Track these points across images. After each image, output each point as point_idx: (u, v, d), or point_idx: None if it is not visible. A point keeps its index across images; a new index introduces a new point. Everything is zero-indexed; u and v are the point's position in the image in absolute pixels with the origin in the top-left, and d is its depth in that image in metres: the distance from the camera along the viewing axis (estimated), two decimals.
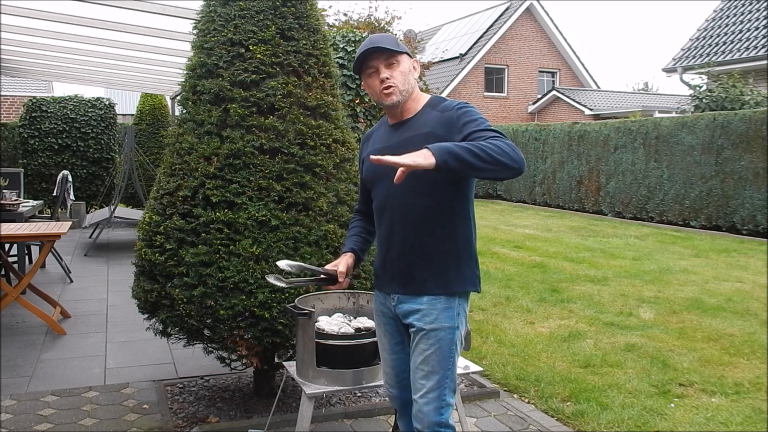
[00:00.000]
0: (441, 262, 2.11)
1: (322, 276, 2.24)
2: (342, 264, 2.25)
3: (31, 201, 7.84)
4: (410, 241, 2.12)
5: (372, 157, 1.88)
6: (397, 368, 2.28)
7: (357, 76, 7.23)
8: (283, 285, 2.27)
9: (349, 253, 2.32)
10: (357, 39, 7.09)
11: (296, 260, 3.05)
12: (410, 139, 2.09)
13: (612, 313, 5.54)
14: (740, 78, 13.26)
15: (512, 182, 16.71)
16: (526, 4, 25.31)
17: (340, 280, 2.24)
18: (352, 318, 2.87)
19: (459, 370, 2.68)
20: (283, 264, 2.23)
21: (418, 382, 2.11)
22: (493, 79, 25.81)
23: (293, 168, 3.15)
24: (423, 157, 1.81)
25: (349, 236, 2.43)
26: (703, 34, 15.64)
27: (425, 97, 2.20)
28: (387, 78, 2.10)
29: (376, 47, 2.09)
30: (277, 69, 3.21)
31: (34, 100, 11.39)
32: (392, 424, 3.05)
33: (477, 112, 2.08)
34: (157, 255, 3.12)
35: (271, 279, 2.29)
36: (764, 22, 14.12)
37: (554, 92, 24.92)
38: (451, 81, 24.55)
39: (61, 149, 11.33)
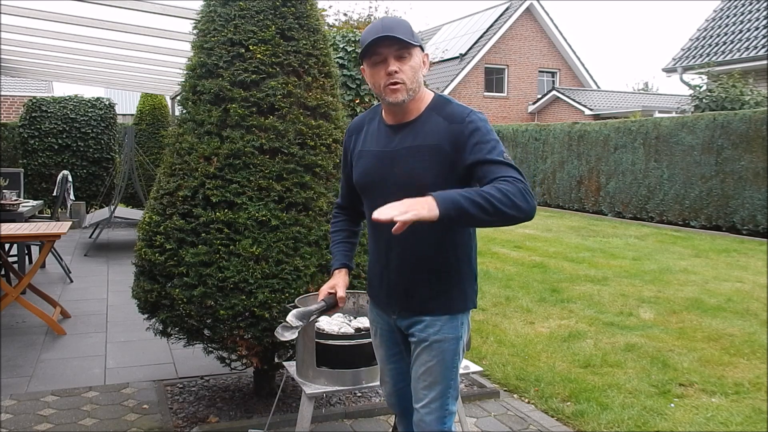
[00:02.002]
0: (444, 281, 1.99)
1: (325, 308, 2.17)
2: (341, 288, 2.13)
3: (31, 201, 7.84)
4: (411, 259, 1.99)
5: (374, 215, 1.67)
6: (395, 378, 2.21)
7: (357, 76, 7.23)
8: (293, 335, 2.16)
9: (344, 270, 2.19)
10: (357, 39, 7.09)
11: (296, 260, 3.05)
12: (414, 148, 1.91)
13: (612, 313, 5.54)
14: (740, 78, 13.27)
15: None
16: (526, 4, 25.32)
17: (341, 305, 2.16)
18: (352, 318, 2.86)
19: (459, 372, 2.67)
20: (292, 319, 2.14)
21: (420, 392, 2.03)
22: (493, 79, 25.82)
23: (293, 168, 3.15)
24: (427, 210, 1.64)
25: (335, 243, 2.25)
26: (703, 34, 15.65)
27: (429, 97, 1.99)
28: (395, 72, 1.86)
29: (389, 36, 1.85)
30: (277, 69, 3.21)
31: (34, 100, 11.39)
32: (392, 425, 3.05)
33: (488, 129, 1.88)
34: (157, 255, 3.12)
35: (279, 333, 2.16)
36: (764, 22, 14.12)
37: (554, 92, 24.94)
38: (451, 81, 24.56)
39: (61, 149, 11.33)
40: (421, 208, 1.64)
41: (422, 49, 1.97)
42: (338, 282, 2.16)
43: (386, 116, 2.03)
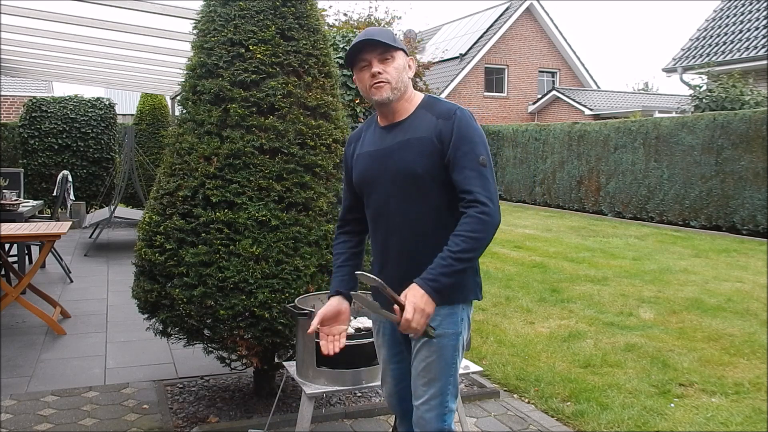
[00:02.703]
0: None
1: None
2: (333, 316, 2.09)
3: (31, 201, 7.85)
4: (407, 252, 2.04)
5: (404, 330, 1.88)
6: (397, 378, 2.22)
7: None
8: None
9: (337, 297, 2.14)
10: None
11: (296, 260, 3.05)
12: (405, 142, 2.01)
13: (612, 313, 5.54)
14: (740, 78, 13.26)
15: (512, 182, 16.72)
16: (526, 4, 25.31)
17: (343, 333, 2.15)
18: (352, 318, 2.86)
19: (459, 371, 2.67)
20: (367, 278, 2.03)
21: (419, 389, 2.05)
22: (493, 79, 25.81)
23: (293, 168, 3.15)
24: (431, 308, 1.87)
25: (335, 267, 2.22)
26: (703, 34, 15.64)
27: (419, 97, 2.09)
28: (379, 72, 1.99)
29: (370, 39, 1.98)
30: (277, 69, 3.21)
31: (34, 100, 11.38)
32: (392, 425, 3.05)
33: (473, 127, 1.98)
34: (157, 255, 3.12)
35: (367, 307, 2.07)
36: (764, 22, 14.12)
37: (554, 92, 24.92)
38: (451, 81, 24.54)
39: (61, 149, 11.33)
40: (427, 309, 1.86)
41: (406, 54, 2.08)
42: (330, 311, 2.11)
43: (380, 120, 2.13)
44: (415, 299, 1.86)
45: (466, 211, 1.93)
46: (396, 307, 1.90)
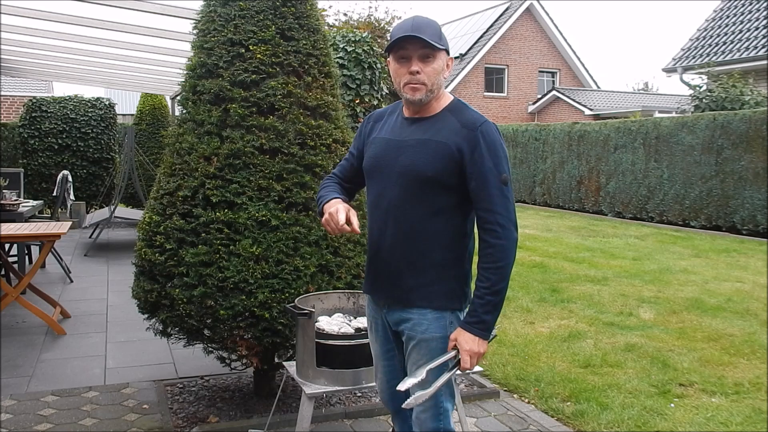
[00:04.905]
0: (429, 274, 2.03)
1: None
2: (342, 211, 2.00)
3: (31, 201, 7.85)
4: (401, 248, 2.04)
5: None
6: (389, 374, 2.24)
7: (357, 76, 7.23)
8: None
9: (340, 199, 2.12)
10: (357, 39, 7.09)
11: (296, 260, 3.05)
12: (422, 141, 1.99)
13: (612, 313, 5.54)
14: (740, 78, 13.26)
15: (512, 182, 16.70)
16: (526, 4, 25.32)
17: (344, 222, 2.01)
18: (352, 318, 2.87)
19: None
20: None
21: (414, 390, 2.04)
22: (493, 79, 25.82)
23: (293, 168, 3.15)
24: (483, 349, 1.95)
25: (329, 191, 2.19)
26: (703, 34, 15.64)
27: (448, 98, 2.07)
28: (417, 72, 1.94)
29: (416, 36, 1.91)
30: (277, 69, 3.21)
31: (34, 100, 11.38)
32: (392, 425, 3.05)
33: (497, 142, 1.98)
34: (157, 255, 3.12)
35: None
36: (764, 22, 14.12)
37: (554, 92, 24.93)
38: (451, 81, 24.55)
39: (61, 149, 11.32)
40: (481, 350, 1.95)
41: (447, 53, 2.02)
42: (340, 206, 2.04)
43: (405, 110, 2.11)
44: (469, 346, 1.94)
45: (486, 237, 1.96)
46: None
